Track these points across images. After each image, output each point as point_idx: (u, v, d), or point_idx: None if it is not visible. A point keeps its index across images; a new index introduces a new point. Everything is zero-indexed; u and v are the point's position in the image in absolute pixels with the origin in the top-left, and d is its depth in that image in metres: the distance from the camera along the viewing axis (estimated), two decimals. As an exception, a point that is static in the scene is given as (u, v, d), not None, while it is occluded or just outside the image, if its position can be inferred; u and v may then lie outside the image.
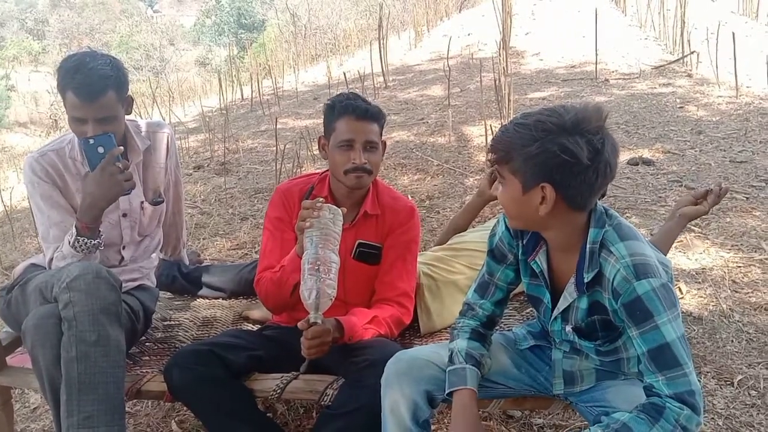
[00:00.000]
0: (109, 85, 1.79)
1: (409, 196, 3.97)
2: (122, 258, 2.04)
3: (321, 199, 1.68)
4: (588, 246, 1.34)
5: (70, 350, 1.62)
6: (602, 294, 1.35)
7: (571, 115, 1.25)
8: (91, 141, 1.80)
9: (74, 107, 1.79)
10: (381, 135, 1.89)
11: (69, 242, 1.82)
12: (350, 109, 1.82)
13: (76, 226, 1.82)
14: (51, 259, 1.89)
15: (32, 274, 1.88)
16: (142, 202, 2.04)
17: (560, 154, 1.23)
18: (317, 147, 1.96)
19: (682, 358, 1.26)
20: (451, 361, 1.50)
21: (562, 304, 1.43)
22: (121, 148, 1.81)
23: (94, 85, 1.77)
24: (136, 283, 2.06)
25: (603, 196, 2.01)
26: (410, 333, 2.09)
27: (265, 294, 1.87)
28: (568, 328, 1.45)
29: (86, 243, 1.81)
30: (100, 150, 1.80)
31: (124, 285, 1.90)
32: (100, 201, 1.79)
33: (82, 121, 1.81)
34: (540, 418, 2.10)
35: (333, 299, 1.61)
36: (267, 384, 1.75)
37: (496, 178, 2.33)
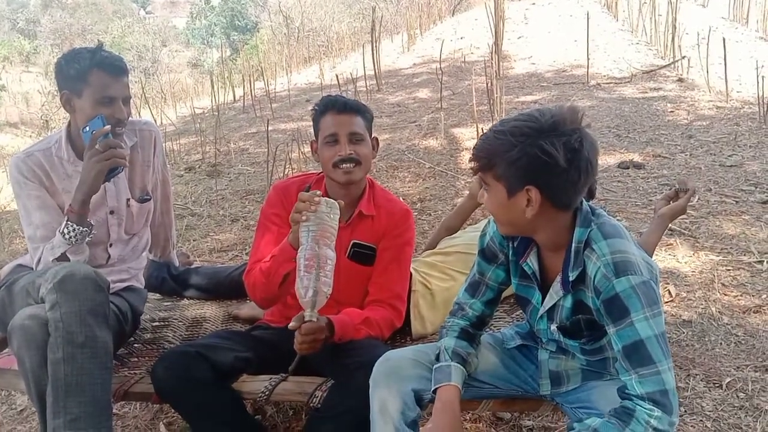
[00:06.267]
0: (126, 68, 1.89)
1: (401, 199, 3.97)
2: (109, 256, 2.02)
3: (318, 192, 1.66)
4: (573, 245, 1.36)
5: (57, 351, 1.60)
6: (586, 293, 1.37)
7: (547, 117, 1.28)
8: (87, 128, 1.82)
9: (104, 86, 1.83)
10: (369, 131, 1.91)
11: (59, 230, 1.81)
12: (331, 105, 1.88)
13: (66, 212, 1.82)
14: (39, 260, 1.87)
15: (19, 275, 1.86)
16: (128, 200, 2.03)
17: (540, 156, 1.25)
18: (311, 151, 1.98)
19: (656, 356, 1.26)
20: (437, 359, 1.51)
21: (548, 303, 1.45)
22: (108, 127, 1.80)
23: (119, 62, 1.87)
24: (125, 284, 2.05)
25: (592, 196, 2.02)
26: (401, 336, 2.09)
27: (253, 285, 1.85)
28: (553, 327, 1.47)
29: (74, 229, 1.80)
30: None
31: (112, 286, 1.89)
32: (82, 185, 1.80)
33: (112, 101, 1.84)
34: (529, 420, 2.10)
35: (329, 296, 1.60)
36: (255, 386, 1.74)
37: None
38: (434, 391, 1.47)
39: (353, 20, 13.60)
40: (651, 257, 2.05)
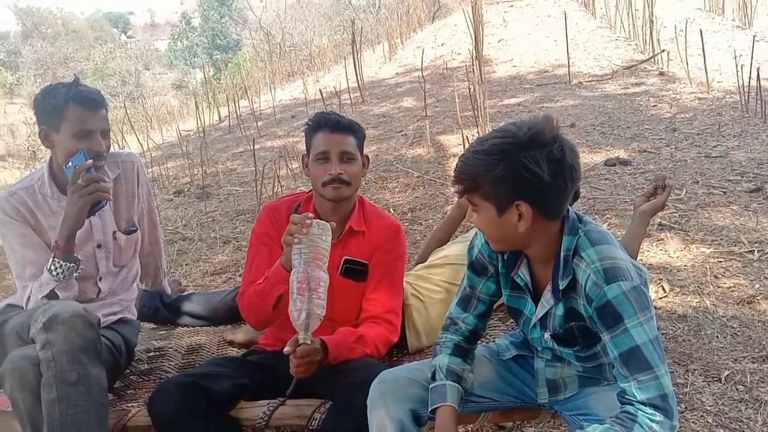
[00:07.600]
0: (103, 101, 1.88)
1: (391, 210, 3.98)
2: (99, 290, 2.01)
3: (310, 215, 1.66)
4: (562, 253, 1.36)
5: (51, 392, 1.59)
6: (577, 300, 1.37)
7: (524, 130, 1.27)
8: (69, 164, 1.81)
9: (80, 120, 1.82)
10: (360, 149, 1.92)
11: (46, 267, 1.81)
12: (324, 123, 1.88)
13: (52, 249, 1.81)
14: (28, 298, 1.86)
15: (9, 315, 1.85)
16: (114, 232, 2.02)
17: (523, 172, 1.25)
18: (301, 166, 1.99)
19: (653, 360, 1.26)
20: (433, 378, 1.51)
21: (540, 312, 1.45)
22: (90, 162, 1.80)
23: (95, 95, 1.85)
24: (117, 317, 2.03)
25: (577, 198, 2.03)
26: (398, 351, 2.08)
27: (247, 307, 1.85)
28: (547, 335, 1.47)
29: (61, 265, 1.79)
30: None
31: (104, 319, 1.88)
32: (67, 221, 1.79)
33: (89, 134, 1.83)
34: (531, 426, 2.10)
35: (322, 318, 1.60)
36: (253, 412, 1.73)
37: None
38: (432, 411, 1.46)
39: (334, 33, 13.63)
40: (636, 255, 2.06)
